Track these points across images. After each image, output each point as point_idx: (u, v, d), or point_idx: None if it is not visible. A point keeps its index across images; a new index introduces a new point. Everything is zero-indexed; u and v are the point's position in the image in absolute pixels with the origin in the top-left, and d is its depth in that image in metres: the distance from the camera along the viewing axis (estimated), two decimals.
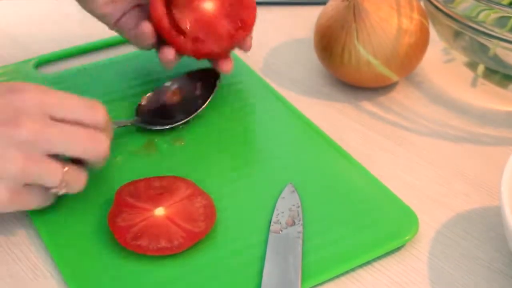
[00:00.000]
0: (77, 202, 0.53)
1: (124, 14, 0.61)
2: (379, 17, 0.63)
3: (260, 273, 0.48)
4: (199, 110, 0.61)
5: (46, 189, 0.49)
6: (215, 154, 0.59)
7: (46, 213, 0.52)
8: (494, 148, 0.62)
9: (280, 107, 0.64)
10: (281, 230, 0.50)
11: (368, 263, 0.50)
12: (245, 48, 0.63)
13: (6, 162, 0.46)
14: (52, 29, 0.77)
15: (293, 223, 0.51)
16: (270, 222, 0.51)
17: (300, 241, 0.50)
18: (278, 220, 0.51)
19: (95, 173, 0.56)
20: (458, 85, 0.70)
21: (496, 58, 0.67)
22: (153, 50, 0.63)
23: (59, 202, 0.53)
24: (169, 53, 0.60)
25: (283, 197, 0.54)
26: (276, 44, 0.76)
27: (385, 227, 0.52)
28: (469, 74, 0.71)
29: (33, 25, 0.78)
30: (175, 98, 0.63)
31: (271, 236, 0.50)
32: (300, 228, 0.51)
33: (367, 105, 0.67)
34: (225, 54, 0.62)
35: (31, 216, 0.52)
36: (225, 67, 0.62)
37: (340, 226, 0.52)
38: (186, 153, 0.59)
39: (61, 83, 0.66)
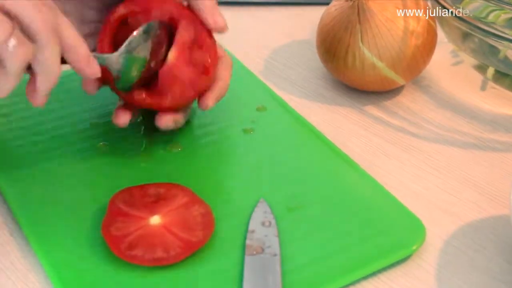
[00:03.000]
0: (69, 210, 0.54)
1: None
2: (384, 18, 0.63)
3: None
4: None
5: None
6: (213, 160, 0.59)
7: (37, 221, 0.52)
8: (504, 154, 0.62)
9: (281, 112, 0.65)
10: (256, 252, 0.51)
11: (373, 274, 0.50)
12: (202, 105, 0.58)
13: None
14: None
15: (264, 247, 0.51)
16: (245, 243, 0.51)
17: (278, 262, 0.50)
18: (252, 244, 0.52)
19: (88, 179, 0.56)
20: (467, 88, 0.70)
21: (507, 61, 0.67)
22: None
23: (51, 210, 0.53)
24: (124, 117, 0.57)
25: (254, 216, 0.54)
26: (276, 45, 0.76)
27: (391, 236, 0.52)
28: (478, 77, 0.71)
29: None
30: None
31: (247, 258, 0.50)
32: (275, 251, 0.51)
33: (372, 109, 0.67)
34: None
35: (21, 225, 0.53)
36: (163, 121, 0.58)
37: (344, 236, 0.52)
38: (183, 159, 0.59)
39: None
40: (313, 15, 0.76)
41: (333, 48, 0.65)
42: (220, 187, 0.57)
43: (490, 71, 0.69)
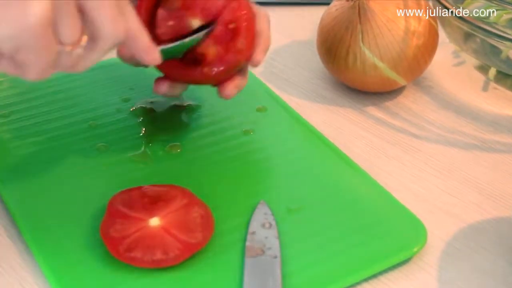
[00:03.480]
0: (68, 211, 0.54)
1: None
2: (385, 18, 0.63)
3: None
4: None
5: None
6: (213, 161, 0.59)
7: (36, 224, 0.52)
8: (506, 155, 0.62)
9: (281, 112, 0.65)
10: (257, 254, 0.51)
11: (373, 276, 0.51)
12: (254, 62, 0.59)
13: None
14: None
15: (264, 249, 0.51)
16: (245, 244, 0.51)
17: (278, 264, 0.50)
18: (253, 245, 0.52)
19: (87, 181, 0.57)
20: (469, 89, 0.70)
21: (509, 61, 0.67)
22: None
23: (49, 212, 0.53)
24: (163, 86, 0.59)
25: (255, 217, 0.54)
26: (277, 46, 0.76)
27: (392, 238, 0.52)
28: (480, 78, 0.71)
29: None
30: None
31: (247, 260, 0.50)
32: (275, 253, 0.51)
33: (373, 110, 0.67)
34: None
35: (19, 227, 0.53)
36: (228, 91, 0.59)
37: (345, 237, 0.52)
38: (182, 161, 0.59)
39: (50, 88, 0.67)
40: (314, 15, 0.76)
41: (334, 48, 0.65)
42: (220, 188, 0.57)
43: (492, 71, 0.69)
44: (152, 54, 0.50)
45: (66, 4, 0.43)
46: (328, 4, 0.69)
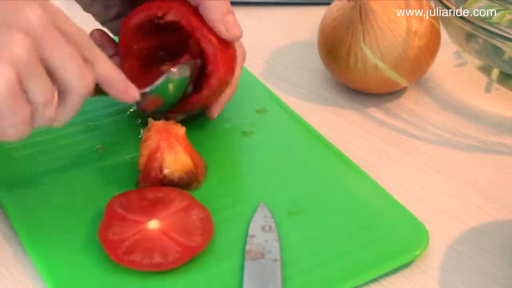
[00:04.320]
0: (66, 214, 0.54)
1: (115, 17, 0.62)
2: (387, 18, 0.63)
3: None
4: None
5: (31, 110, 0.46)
6: (212, 163, 0.59)
7: (33, 227, 0.52)
8: (509, 157, 0.62)
9: (281, 114, 0.65)
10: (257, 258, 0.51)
11: (375, 279, 0.51)
12: (209, 116, 0.62)
13: (13, 44, 0.43)
14: None
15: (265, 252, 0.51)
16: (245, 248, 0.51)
17: (278, 267, 0.50)
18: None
19: (85, 183, 0.57)
20: (471, 90, 0.70)
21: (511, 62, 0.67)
22: None
23: (47, 214, 0.53)
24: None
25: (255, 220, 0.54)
26: (277, 46, 0.76)
27: (393, 241, 0.52)
28: (482, 78, 0.71)
29: None
30: None
31: (247, 263, 0.50)
32: (276, 256, 0.51)
33: (374, 111, 0.67)
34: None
35: (16, 231, 0.53)
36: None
37: (345, 241, 0.52)
38: None
39: None
40: (314, 16, 0.76)
41: (335, 49, 0.65)
42: (220, 190, 0.57)
43: (495, 72, 0.69)
44: (130, 93, 0.51)
45: (32, 68, 0.44)
46: (328, 4, 0.69)
